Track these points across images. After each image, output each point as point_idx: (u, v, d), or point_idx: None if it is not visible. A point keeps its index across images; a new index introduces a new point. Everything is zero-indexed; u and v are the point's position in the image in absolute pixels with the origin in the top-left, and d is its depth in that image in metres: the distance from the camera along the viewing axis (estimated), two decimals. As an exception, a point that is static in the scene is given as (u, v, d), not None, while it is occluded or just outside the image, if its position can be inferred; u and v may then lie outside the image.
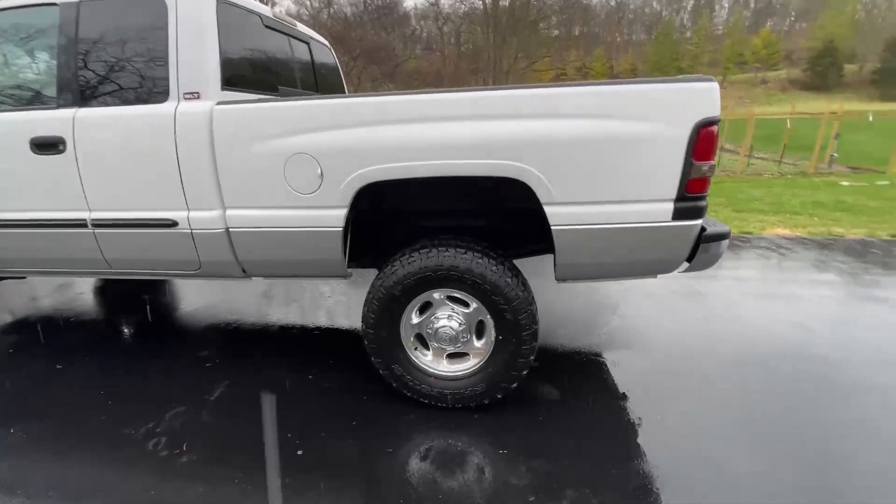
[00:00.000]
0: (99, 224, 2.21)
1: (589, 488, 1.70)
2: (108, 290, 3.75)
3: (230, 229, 2.09)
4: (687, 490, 1.69)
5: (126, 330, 3.08)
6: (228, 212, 2.08)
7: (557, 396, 2.25)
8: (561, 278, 2.03)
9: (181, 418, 2.11)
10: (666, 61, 53.23)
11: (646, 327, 2.93)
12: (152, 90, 2.08)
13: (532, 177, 1.79)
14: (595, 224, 1.84)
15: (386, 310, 2.03)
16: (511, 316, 1.96)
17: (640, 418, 2.08)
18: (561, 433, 1.99)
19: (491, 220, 2.38)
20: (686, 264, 1.97)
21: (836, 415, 2.09)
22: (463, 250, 1.96)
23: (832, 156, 12.28)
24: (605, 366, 2.50)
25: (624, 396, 2.23)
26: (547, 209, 1.83)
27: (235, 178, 2.02)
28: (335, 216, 1.98)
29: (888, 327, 2.92)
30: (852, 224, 5.66)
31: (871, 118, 13.68)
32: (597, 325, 2.97)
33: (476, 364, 2.10)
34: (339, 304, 3.38)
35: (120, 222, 2.18)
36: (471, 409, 2.12)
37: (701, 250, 1.89)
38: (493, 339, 2.04)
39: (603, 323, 3.00)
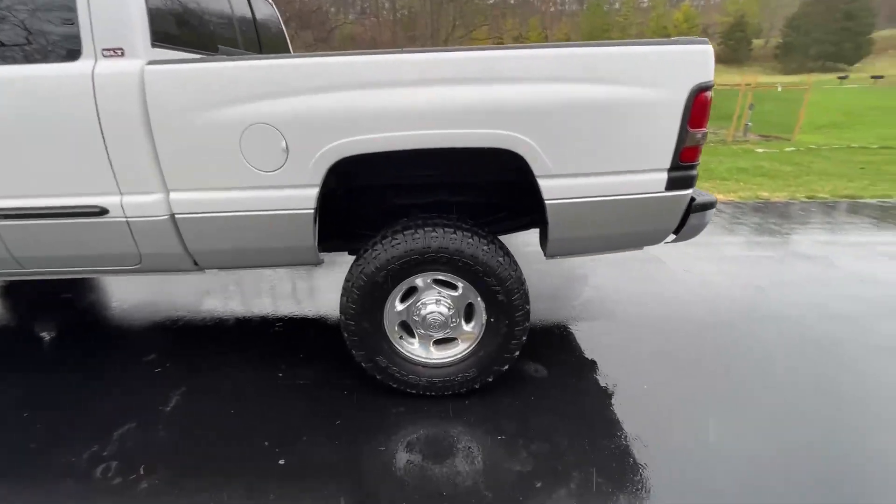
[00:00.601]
0: (1, 215, 1.80)
1: (592, 467, 1.67)
2: (17, 291, 3.20)
3: (176, 216, 1.79)
4: (685, 458, 1.71)
5: (47, 336, 2.64)
6: (173, 195, 1.76)
7: (546, 374, 2.20)
8: (550, 255, 1.94)
9: (133, 437, 1.83)
10: (597, 32, 54.64)
11: (618, 296, 2.96)
12: (59, 45, 1.67)
13: (528, 148, 1.66)
14: (590, 197, 1.75)
15: (368, 298, 1.85)
16: (504, 297, 1.85)
17: (629, 389, 2.08)
18: (555, 413, 1.94)
19: (470, 195, 2.23)
20: (673, 235, 1.95)
21: (798, 370, 2.23)
22: (451, 230, 1.80)
23: (747, 125, 13.24)
24: (587, 337, 2.49)
25: (599, 366, 2.23)
26: (541, 182, 1.72)
27: (179, 155, 1.70)
28: (305, 196, 1.74)
29: (830, 282, 3.17)
30: (774, 188, 6.12)
31: (779, 89, 14.88)
32: (570, 296, 2.97)
33: (466, 349, 1.99)
34: (298, 290, 3.11)
35: (30, 212, 1.79)
36: (461, 396, 2.02)
37: (689, 220, 1.87)
38: (483, 321, 1.93)
39: (576, 295, 3.00)
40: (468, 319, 1.97)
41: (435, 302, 1.91)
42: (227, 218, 1.77)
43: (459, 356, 1.98)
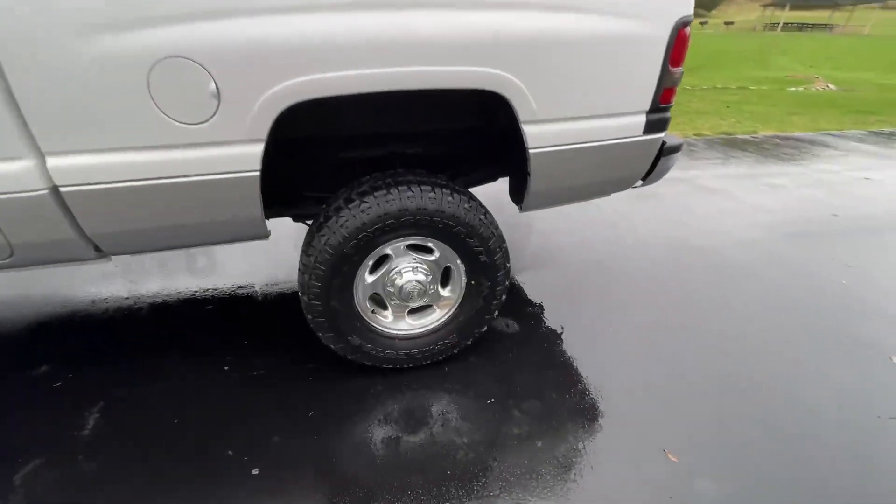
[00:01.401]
0: None
1: (583, 418, 1.69)
2: None
3: (61, 189, 1.32)
4: (672, 391, 1.81)
5: None
6: (51, 160, 1.28)
7: (517, 328, 2.16)
8: (526, 208, 1.82)
9: (43, 477, 1.43)
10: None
11: (570, 242, 2.99)
12: None
13: (515, 89, 1.47)
14: (573, 144, 1.64)
15: (336, 274, 1.59)
16: (486, 258, 1.71)
17: (601, 332, 2.13)
18: (537, 366, 1.92)
19: (425, 145, 1.99)
20: (640, 181, 1.94)
21: (720, 293, 2.47)
22: (428, 188, 1.58)
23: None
24: (543, 286, 2.49)
25: (549, 310, 2.26)
26: (526, 129, 1.55)
27: (53, 103, 1.22)
28: (245, 156, 1.38)
29: (735, 213, 3.53)
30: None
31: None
32: (521, 247, 2.93)
33: (444, 315, 1.84)
34: (220, 259, 2.66)
35: None
36: (439, 364, 1.90)
37: (659, 164, 1.86)
38: (463, 285, 1.79)
39: (525, 245, 2.98)
40: (444, 284, 1.82)
41: (412, 270, 1.71)
42: (139, 189, 1.35)
43: (438, 323, 1.84)
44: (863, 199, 3.85)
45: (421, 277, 1.71)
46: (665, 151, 1.84)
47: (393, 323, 1.81)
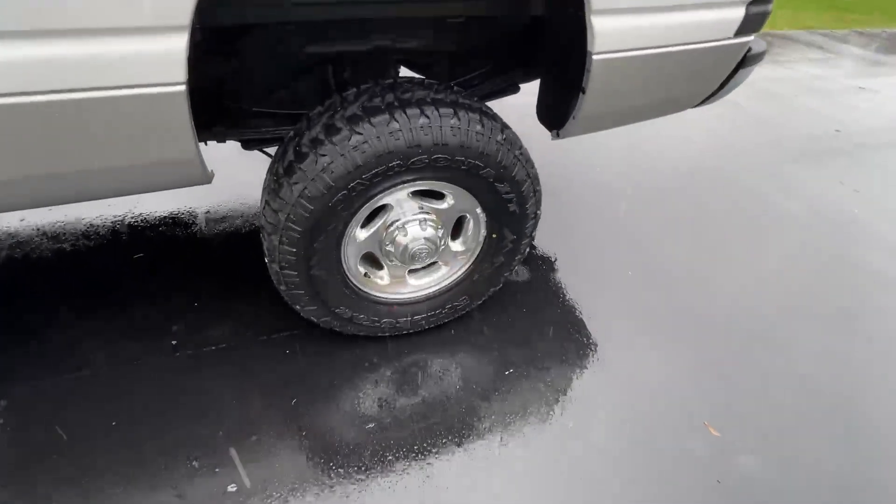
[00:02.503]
0: None
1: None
2: None
3: None
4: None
5: None
6: None
7: (528, 276, 1.85)
8: (566, 135, 1.38)
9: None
10: None
11: (559, 165, 2.60)
12: None
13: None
14: (652, 47, 1.17)
15: (318, 234, 1.14)
16: (516, 207, 1.31)
17: (619, 278, 1.87)
18: (556, 325, 1.65)
19: (422, 38, 1.43)
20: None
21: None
22: (448, 111, 1.10)
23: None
24: (553, 215, 2.14)
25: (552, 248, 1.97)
26: (596, 21, 1.06)
27: None
28: (160, 57, 0.82)
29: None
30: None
31: None
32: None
33: (454, 274, 1.47)
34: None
35: None
36: (442, 325, 1.58)
37: (736, 76, 1.44)
38: (482, 238, 1.40)
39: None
40: (455, 235, 1.42)
41: (418, 224, 1.28)
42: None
43: (447, 283, 1.47)
44: (863, 113, 3.66)
45: (430, 233, 1.29)
46: (747, 60, 1.41)
47: (391, 286, 1.42)
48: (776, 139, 3.11)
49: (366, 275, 1.37)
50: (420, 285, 1.45)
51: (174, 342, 1.46)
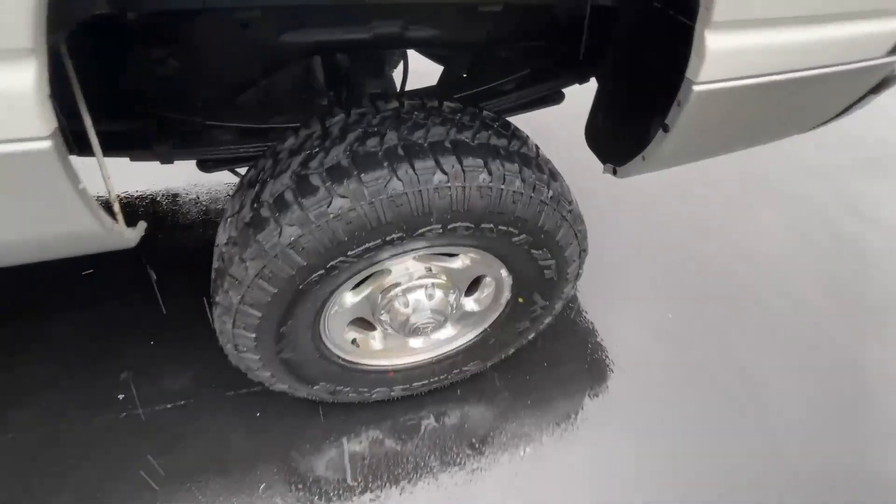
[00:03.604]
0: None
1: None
2: None
3: None
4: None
5: None
6: None
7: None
8: (628, 174, 1.03)
9: None
10: None
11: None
12: None
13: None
14: (777, 74, 0.80)
15: (286, 318, 0.84)
16: (555, 274, 0.99)
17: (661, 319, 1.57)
18: (577, 380, 1.38)
19: (445, 26, 1.04)
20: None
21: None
22: (477, 161, 0.76)
23: None
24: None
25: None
26: (710, 38, 0.69)
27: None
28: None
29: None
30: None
31: None
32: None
33: (466, 336, 1.18)
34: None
35: None
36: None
37: (863, 101, 1.07)
38: (504, 301, 1.09)
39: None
40: (471, 291, 1.11)
41: (423, 291, 0.96)
42: None
43: (456, 347, 1.18)
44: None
45: (438, 302, 0.98)
46: (886, 82, 1.02)
47: (386, 352, 1.13)
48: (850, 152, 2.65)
49: (354, 342, 1.07)
50: (423, 348, 1.17)
51: (121, 396, 1.20)
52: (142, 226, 0.81)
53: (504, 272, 1.00)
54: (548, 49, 1.15)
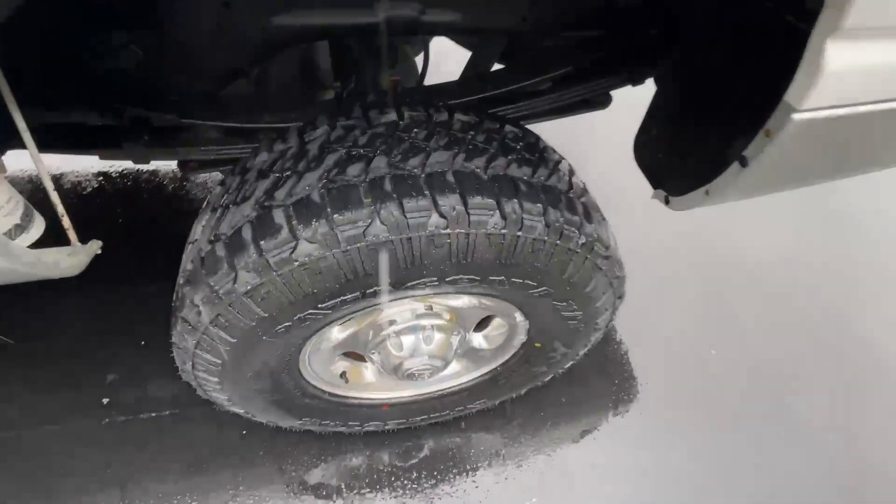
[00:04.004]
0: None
1: None
2: None
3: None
4: None
5: None
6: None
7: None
8: (684, 206, 0.82)
9: None
10: None
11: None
12: None
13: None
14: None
15: (251, 365, 0.71)
16: (581, 325, 0.82)
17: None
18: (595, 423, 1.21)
19: (473, 9, 0.84)
20: None
21: None
22: (489, 201, 0.59)
23: None
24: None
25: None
26: (832, 49, 0.48)
27: None
28: None
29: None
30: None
31: None
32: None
33: (473, 374, 1.03)
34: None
35: None
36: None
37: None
38: (518, 344, 0.94)
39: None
40: (481, 327, 0.96)
41: (419, 334, 0.82)
42: None
43: (460, 385, 1.04)
44: None
45: (437, 346, 0.83)
46: None
47: (380, 385, 1.00)
48: None
49: (343, 375, 0.95)
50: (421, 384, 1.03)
51: (105, 400, 1.13)
52: (93, 247, 0.69)
53: (519, 316, 0.84)
54: (599, 41, 0.93)
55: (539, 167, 0.67)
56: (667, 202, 0.85)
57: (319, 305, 0.61)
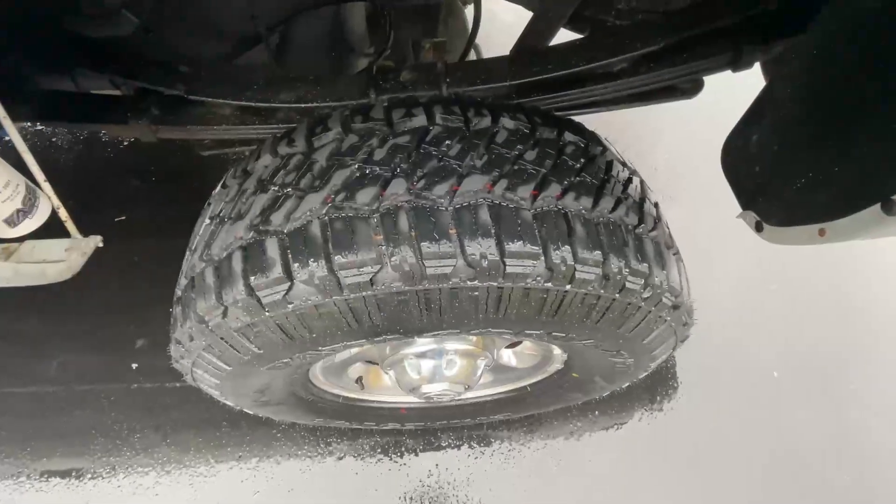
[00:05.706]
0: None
1: None
2: None
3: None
4: None
5: None
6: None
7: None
8: (781, 240, 0.66)
9: None
10: None
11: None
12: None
13: None
14: None
15: (253, 385, 0.65)
16: (629, 368, 0.70)
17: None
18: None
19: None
20: None
21: None
22: (535, 249, 0.46)
23: None
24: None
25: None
26: None
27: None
28: None
29: None
30: None
31: None
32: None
33: (499, 388, 0.94)
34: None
35: None
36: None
37: None
38: (553, 370, 0.83)
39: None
40: (512, 344, 0.85)
41: (444, 360, 0.72)
42: None
43: (484, 397, 0.96)
44: None
45: (459, 371, 0.74)
46: None
47: (396, 391, 0.94)
48: None
49: (360, 381, 0.88)
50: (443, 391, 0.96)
51: (135, 365, 1.15)
52: (92, 242, 0.63)
53: (557, 351, 0.73)
54: (699, 8, 0.72)
55: (602, 195, 0.52)
56: (758, 229, 0.68)
57: (319, 348, 0.52)
